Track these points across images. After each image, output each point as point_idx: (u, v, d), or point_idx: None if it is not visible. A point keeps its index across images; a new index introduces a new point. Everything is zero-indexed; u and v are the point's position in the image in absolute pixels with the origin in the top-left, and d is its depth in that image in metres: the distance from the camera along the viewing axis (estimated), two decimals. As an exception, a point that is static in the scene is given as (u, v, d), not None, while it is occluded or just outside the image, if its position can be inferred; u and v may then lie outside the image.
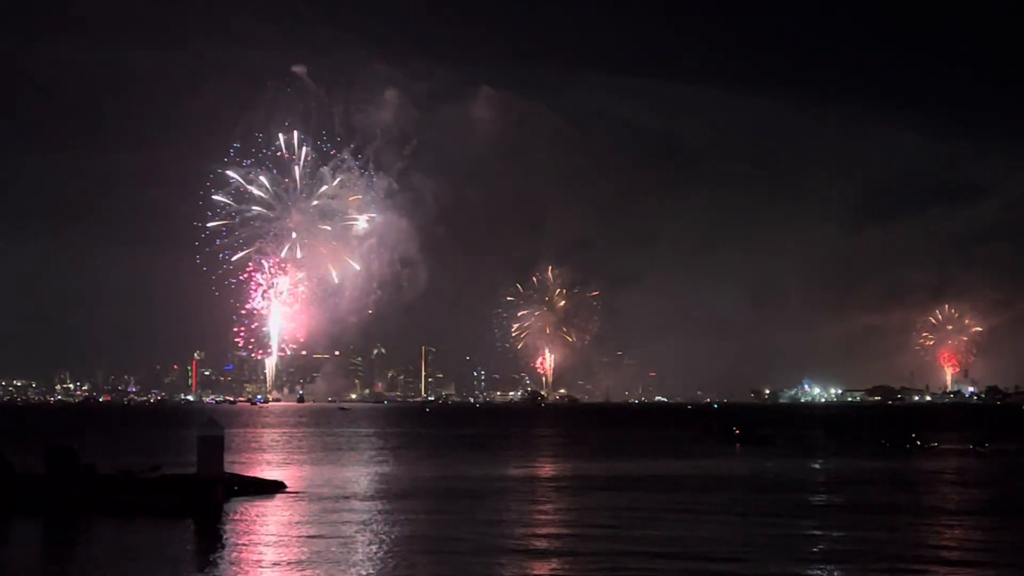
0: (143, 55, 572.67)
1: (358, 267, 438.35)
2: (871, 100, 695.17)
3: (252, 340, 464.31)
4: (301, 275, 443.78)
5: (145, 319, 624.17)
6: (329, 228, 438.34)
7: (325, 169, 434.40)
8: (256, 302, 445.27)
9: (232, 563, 35.42)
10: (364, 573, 33.14)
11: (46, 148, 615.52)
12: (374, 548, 37.93)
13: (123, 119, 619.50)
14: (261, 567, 34.50)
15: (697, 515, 46.72)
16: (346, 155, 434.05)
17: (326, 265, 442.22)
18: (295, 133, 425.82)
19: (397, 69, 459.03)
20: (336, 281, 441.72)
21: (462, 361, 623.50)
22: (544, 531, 42.41)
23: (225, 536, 41.66)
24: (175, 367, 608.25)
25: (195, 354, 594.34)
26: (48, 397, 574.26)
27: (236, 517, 46.94)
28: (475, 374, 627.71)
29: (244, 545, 39.03)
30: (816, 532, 41.61)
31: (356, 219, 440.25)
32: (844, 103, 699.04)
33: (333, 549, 37.67)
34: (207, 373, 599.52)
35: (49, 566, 37.38)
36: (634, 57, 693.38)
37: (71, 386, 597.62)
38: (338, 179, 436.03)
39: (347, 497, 55.41)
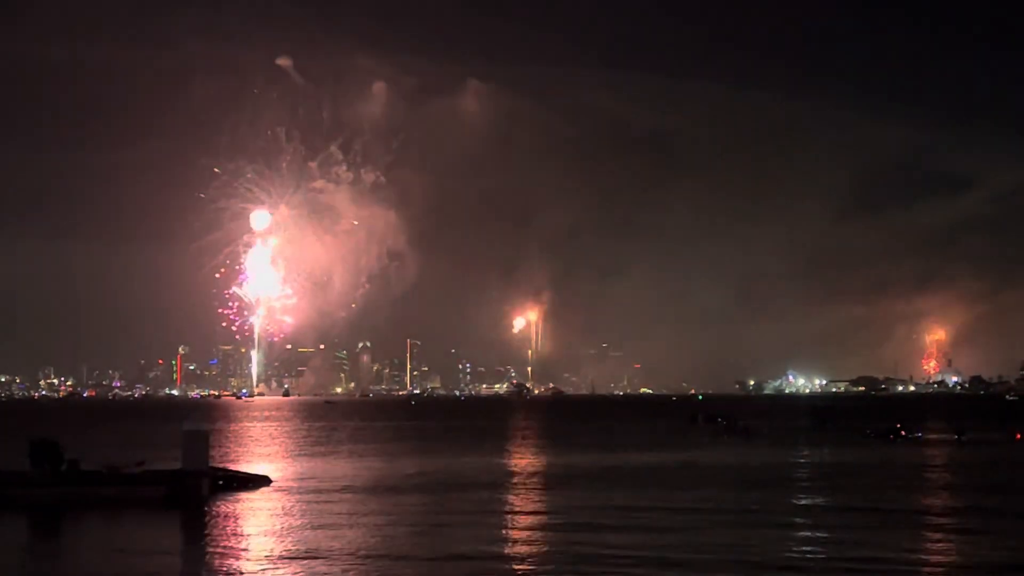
0: (131, 52, 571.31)
1: (346, 261, 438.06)
2: (858, 92, 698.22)
3: (236, 327, 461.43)
4: (288, 269, 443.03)
5: (129, 314, 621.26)
6: (317, 222, 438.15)
7: (313, 164, 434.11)
8: (243, 294, 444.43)
9: (217, 556, 35.37)
10: (349, 566, 33.10)
11: (29, 145, 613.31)
12: (359, 542, 37.90)
13: (107, 116, 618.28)
14: (245, 561, 34.45)
15: (681, 514, 46.20)
16: (334, 149, 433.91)
17: (314, 259, 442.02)
18: (282, 128, 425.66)
19: (385, 63, 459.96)
20: (324, 276, 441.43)
21: (447, 354, 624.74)
22: (524, 532, 42.48)
23: (210, 530, 41.61)
24: (160, 362, 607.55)
25: (179, 348, 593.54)
26: (32, 392, 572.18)
27: (221, 511, 46.89)
28: (460, 367, 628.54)
29: (229, 539, 38.98)
30: (805, 534, 40.85)
31: (344, 213, 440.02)
32: (831, 95, 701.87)
33: (317, 542, 37.65)
34: (192, 367, 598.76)
35: (33, 561, 37.24)
36: (621, 51, 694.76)
37: (55, 381, 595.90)
38: (326, 173, 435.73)
39: (332, 491, 55.36)
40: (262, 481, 58.40)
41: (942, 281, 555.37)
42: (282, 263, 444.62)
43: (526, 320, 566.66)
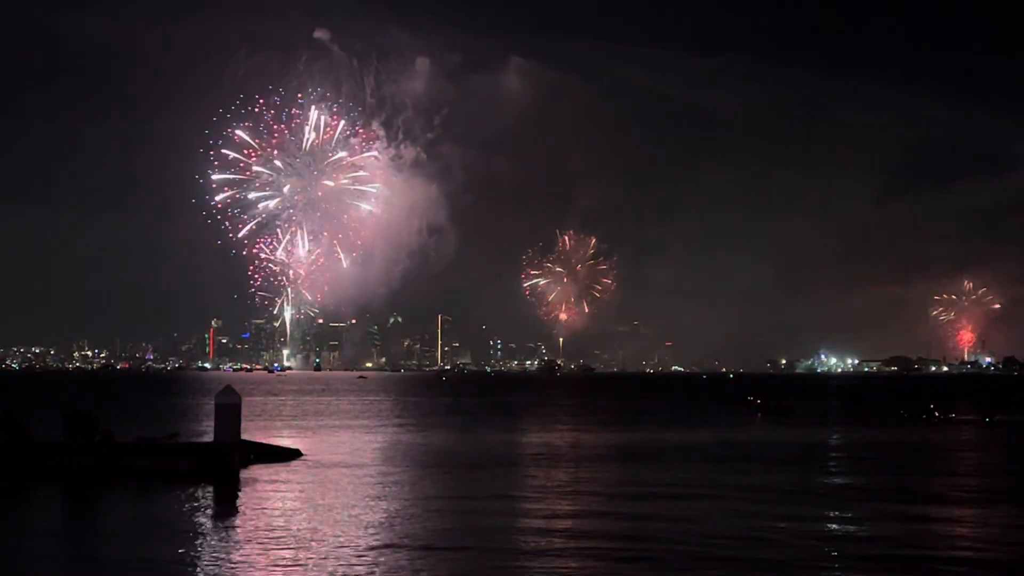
0: (174, 27, 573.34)
1: (387, 236, 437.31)
2: (898, 72, 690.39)
3: (270, 302, 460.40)
4: (327, 244, 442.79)
5: (163, 287, 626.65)
6: (358, 197, 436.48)
7: (355, 140, 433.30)
8: (280, 269, 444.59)
9: (248, 529, 35.40)
10: (378, 540, 33.02)
11: (69, 118, 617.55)
12: (388, 515, 37.85)
13: (145, 91, 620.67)
14: (276, 533, 34.44)
15: (711, 498, 46.13)
16: (376, 125, 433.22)
17: (354, 234, 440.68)
18: (326, 103, 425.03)
19: (428, 40, 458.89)
20: (365, 251, 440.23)
21: (478, 330, 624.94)
22: (554, 506, 42.33)
23: (241, 502, 41.70)
24: (192, 335, 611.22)
25: (212, 322, 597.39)
26: (66, 364, 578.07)
27: (252, 484, 47.00)
28: (491, 343, 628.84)
29: (260, 511, 39.02)
30: (837, 526, 40.77)
31: (384, 189, 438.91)
32: (871, 75, 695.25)
33: (347, 516, 37.64)
34: (224, 341, 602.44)
35: (68, 532, 37.43)
36: (664, 27, 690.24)
37: (89, 353, 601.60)
38: (368, 149, 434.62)
39: (362, 465, 55.42)
40: (293, 454, 58.57)
41: (980, 262, 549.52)
42: (322, 238, 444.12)
43: (559, 295, 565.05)
